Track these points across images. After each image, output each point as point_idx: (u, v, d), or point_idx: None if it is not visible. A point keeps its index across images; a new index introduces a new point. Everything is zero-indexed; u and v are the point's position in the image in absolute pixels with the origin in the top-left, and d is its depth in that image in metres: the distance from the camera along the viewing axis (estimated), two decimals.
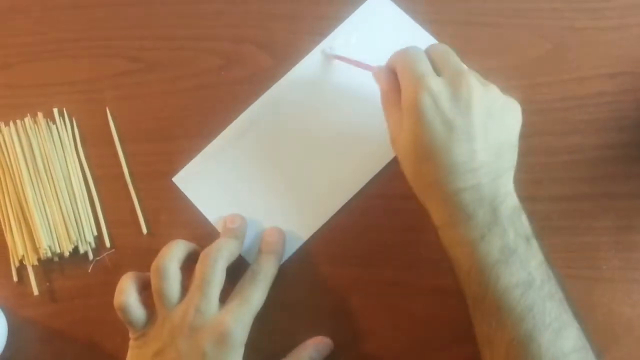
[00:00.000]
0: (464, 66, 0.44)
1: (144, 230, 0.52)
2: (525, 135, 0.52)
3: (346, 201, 0.51)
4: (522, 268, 0.41)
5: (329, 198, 0.51)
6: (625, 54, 0.53)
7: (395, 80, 0.45)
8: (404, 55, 0.45)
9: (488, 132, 0.42)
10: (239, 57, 0.55)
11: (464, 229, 0.42)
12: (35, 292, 0.50)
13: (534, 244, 0.42)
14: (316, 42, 0.54)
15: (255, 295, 0.46)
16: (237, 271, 0.47)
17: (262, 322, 0.46)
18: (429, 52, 0.46)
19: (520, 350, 0.40)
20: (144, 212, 0.52)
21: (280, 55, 0.54)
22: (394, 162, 0.52)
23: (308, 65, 0.54)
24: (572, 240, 0.50)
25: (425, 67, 0.44)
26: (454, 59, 0.45)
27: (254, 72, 0.54)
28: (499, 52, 0.54)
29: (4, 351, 0.48)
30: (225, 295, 0.45)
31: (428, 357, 0.49)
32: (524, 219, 0.43)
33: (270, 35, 0.55)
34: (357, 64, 0.51)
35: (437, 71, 0.44)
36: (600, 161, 0.51)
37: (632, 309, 0.49)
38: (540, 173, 0.51)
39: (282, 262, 0.50)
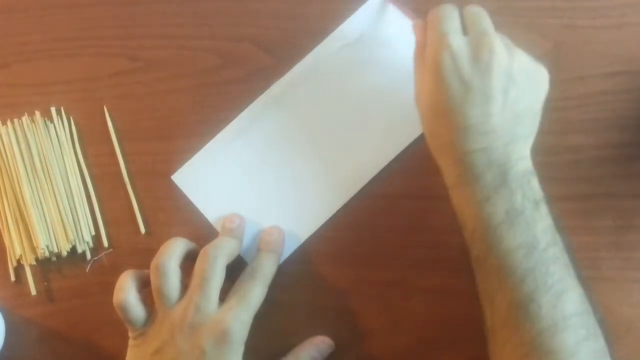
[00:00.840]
0: (492, 29, 0.44)
1: (142, 230, 0.51)
2: None
3: (346, 201, 0.51)
4: (527, 230, 0.41)
5: (328, 198, 0.51)
6: (625, 53, 0.53)
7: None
8: (436, 11, 0.45)
9: (507, 96, 0.42)
10: (237, 56, 0.54)
11: (471, 189, 0.42)
12: (33, 291, 0.50)
13: (543, 208, 0.42)
14: (316, 42, 0.54)
15: (254, 293, 0.45)
16: (236, 271, 0.47)
17: (262, 321, 0.45)
18: (462, 11, 0.46)
19: (520, 310, 0.40)
20: (142, 212, 0.52)
21: (279, 54, 0.54)
22: (395, 162, 0.51)
23: (308, 64, 0.54)
24: (573, 240, 0.49)
25: (452, 25, 0.44)
26: (484, 21, 0.45)
27: (253, 71, 0.54)
28: None
29: (2, 351, 0.48)
30: (224, 295, 0.45)
31: (428, 357, 0.49)
32: (534, 184, 0.43)
33: (269, 34, 0.55)
34: (407, 12, 0.52)
35: (465, 31, 0.44)
36: (601, 160, 0.51)
37: (633, 309, 0.49)
38: (541, 172, 0.51)
39: (281, 262, 0.50)
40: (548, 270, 0.40)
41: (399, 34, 0.54)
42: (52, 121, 0.53)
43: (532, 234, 0.41)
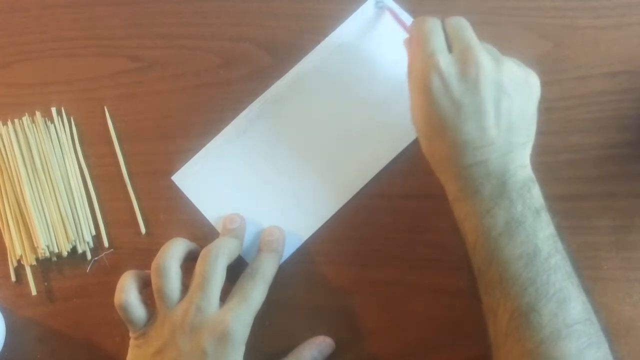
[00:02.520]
0: (476, 41, 0.44)
1: (143, 230, 0.51)
2: None
3: (346, 201, 0.51)
4: (527, 240, 0.41)
5: (329, 198, 0.51)
6: (626, 52, 0.53)
7: None
8: (419, 28, 0.45)
9: (500, 108, 0.42)
10: (238, 56, 0.55)
11: (471, 202, 0.42)
12: (34, 292, 0.50)
13: (544, 216, 0.42)
14: (316, 41, 0.54)
15: (255, 293, 0.45)
16: (237, 271, 0.47)
17: (262, 322, 0.45)
18: (444, 25, 0.45)
19: (522, 320, 0.40)
20: (143, 212, 0.52)
21: (279, 54, 0.54)
22: (395, 162, 0.51)
23: (308, 64, 0.54)
24: (573, 240, 0.50)
25: (437, 43, 0.44)
26: (467, 33, 0.45)
27: (254, 71, 0.54)
28: (499, 51, 0.54)
29: (2, 351, 0.48)
30: (225, 295, 0.45)
31: (428, 357, 0.49)
32: (535, 192, 0.43)
33: (269, 34, 0.55)
34: (401, 22, 0.51)
35: (449, 46, 0.44)
36: (602, 160, 0.51)
37: (633, 308, 0.49)
38: (541, 172, 0.51)
39: (281, 262, 0.50)
40: (549, 279, 0.40)
41: (398, 33, 0.54)
42: (52, 121, 0.53)
43: (533, 243, 0.41)
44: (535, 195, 0.43)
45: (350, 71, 0.54)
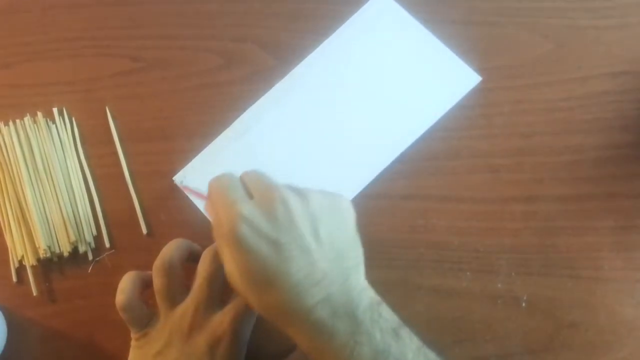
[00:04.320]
0: (275, 182, 0.42)
1: (144, 231, 0.51)
2: (527, 135, 0.52)
3: None
4: None
5: None
6: (627, 53, 0.53)
7: None
8: (216, 184, 0.42)
9: (320, 238, 0.39)
10: (240, 57, 0.55)
11: (330, 348, 0.38)
12: (35, 292, 0.50)
13: (405, 333, 0.39)
14: (319, 42, 0.54)
15: None
16: None
17: (263, 322, 0.45)
18: (241, 179, 0.43)
19: None
20: (144, 212, 0.52)
21: (281, 54, 0.54)
22: (395, 162, 0.51)
23: (310, 64, 0.54)
24: (574, 241, 0.50)
25: (236, 193, 0.41)
26: (264, 179, 0.42)
27: (256, 71, 0.54)
28: (501, 52, 0.54)
29: (3, 352, 0.48)
30: (226, 296, 0.45)
31: None
32: (385, 313, 0.39)
33: (271, 35, 0.55)
34: (200, 195, 0.49)
35: (250, 196, 0.41)
36: (603, 161, 0.51)
37: (635, 309, 0.49)
38: (542, 173, 0.51)
39: None
40: None
41: (399, 34, 0.54)
42: (54, 122, 0.53)
43: None
44: (387, 315, 0.39)
45: (351, 73, 0.54)
